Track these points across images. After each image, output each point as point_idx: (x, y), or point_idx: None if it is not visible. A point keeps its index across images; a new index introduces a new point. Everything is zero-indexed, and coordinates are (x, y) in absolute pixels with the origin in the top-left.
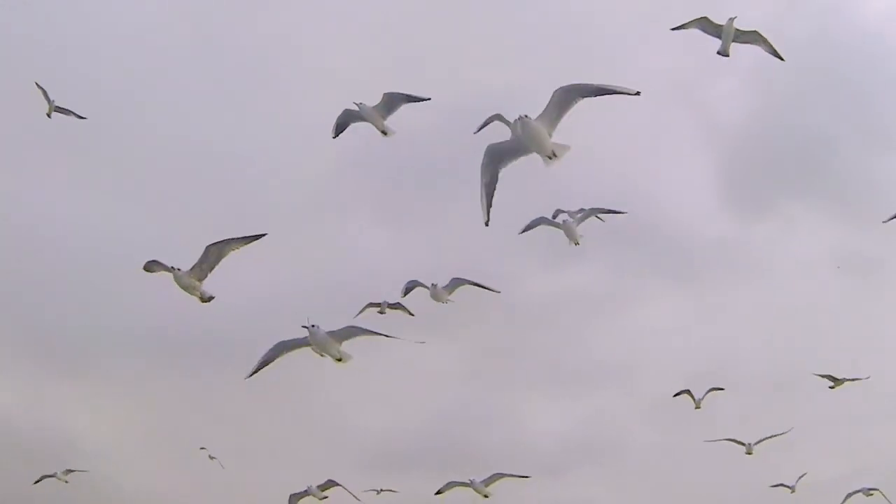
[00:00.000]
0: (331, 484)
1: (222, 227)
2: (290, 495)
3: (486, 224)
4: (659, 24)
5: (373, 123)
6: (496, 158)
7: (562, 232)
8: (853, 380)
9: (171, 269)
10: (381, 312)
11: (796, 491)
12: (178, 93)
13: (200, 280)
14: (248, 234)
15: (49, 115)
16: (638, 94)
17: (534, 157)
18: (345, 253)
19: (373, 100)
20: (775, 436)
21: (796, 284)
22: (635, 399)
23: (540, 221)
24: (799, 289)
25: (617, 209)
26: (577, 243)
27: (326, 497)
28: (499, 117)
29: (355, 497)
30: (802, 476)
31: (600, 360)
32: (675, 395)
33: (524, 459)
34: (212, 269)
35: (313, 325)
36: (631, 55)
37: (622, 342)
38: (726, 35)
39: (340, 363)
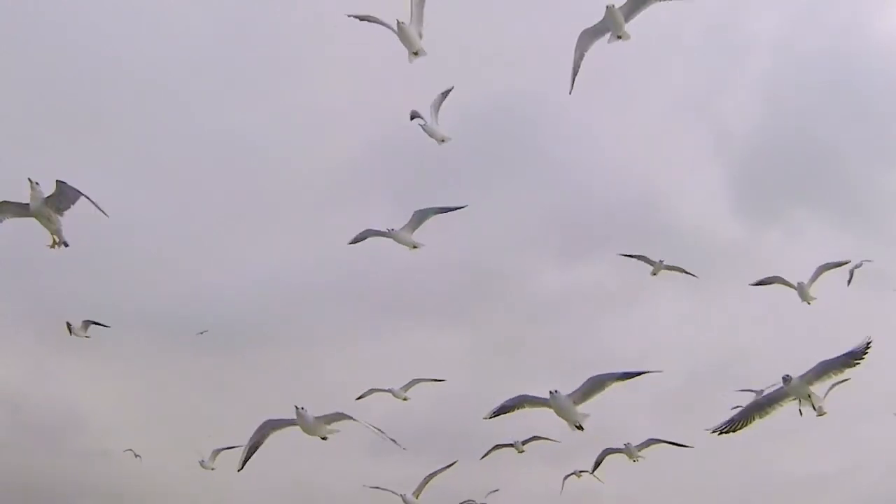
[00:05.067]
0: None
1: (241, 210)
2: None
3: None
4: (676, 38)
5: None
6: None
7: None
8: None
9: (33, 184)
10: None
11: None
12: (206, 82)
13: (58, 213)
14: None
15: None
16: None
17: None
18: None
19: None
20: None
21: None
22: (639, 392)
23: (367, 234)
24: None
25: (453, 206)
26: (413, 247)
27: None
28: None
29: None
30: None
31: (608, 354)
32: None
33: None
34: (70, 206)
35: (302, 408)
36: (651, 68)
37: (630, 337)
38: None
39: (325, 440)
